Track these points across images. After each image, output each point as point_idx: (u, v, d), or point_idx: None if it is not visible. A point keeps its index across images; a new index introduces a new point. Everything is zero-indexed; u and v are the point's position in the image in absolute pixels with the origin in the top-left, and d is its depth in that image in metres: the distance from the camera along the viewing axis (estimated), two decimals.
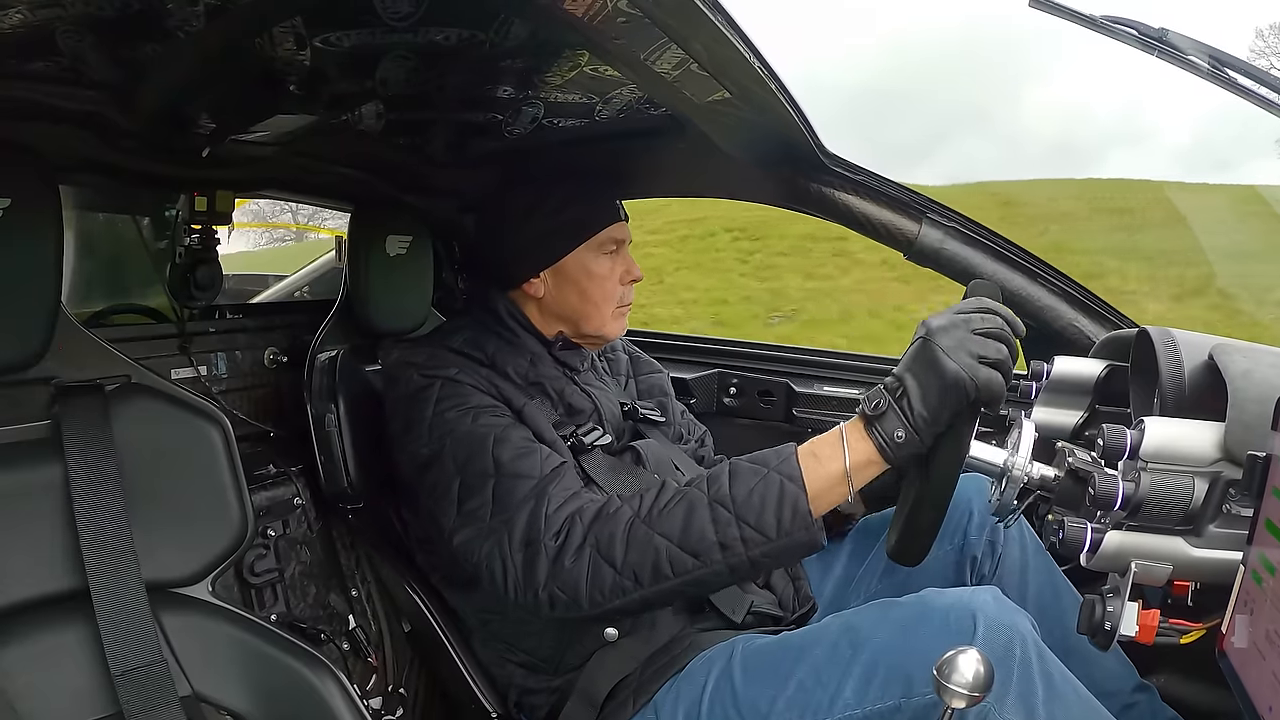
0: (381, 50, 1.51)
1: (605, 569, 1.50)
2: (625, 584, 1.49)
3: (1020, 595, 1.79)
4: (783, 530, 1.43)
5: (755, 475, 1.47)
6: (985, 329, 1.37)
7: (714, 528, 1.45)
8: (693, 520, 1.47)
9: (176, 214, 2.07)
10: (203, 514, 1.47)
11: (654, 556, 1.47)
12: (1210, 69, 1.63)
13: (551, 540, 1.54)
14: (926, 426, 1.37)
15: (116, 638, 1.29)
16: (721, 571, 1.47)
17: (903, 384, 1.39)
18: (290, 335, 2.30)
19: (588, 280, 1.89)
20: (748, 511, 1.44)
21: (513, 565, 1.56)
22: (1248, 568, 1.06)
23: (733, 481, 1.48)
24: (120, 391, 1.44)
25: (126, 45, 1.38)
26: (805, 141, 2.00)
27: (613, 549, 1.50)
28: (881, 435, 1.40)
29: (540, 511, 1.57)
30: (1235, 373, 1.23)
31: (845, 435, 1.45)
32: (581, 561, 1.51)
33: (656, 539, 1.48)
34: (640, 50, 1.35)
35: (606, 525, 1.53)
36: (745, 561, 1.45)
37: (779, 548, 1.44)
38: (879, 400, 1.41)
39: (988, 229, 2.17)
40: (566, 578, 1.52)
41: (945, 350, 1.35)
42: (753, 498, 1.45)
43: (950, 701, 1.14)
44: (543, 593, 1.54)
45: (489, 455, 1.64)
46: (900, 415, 1.38)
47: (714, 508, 1.47)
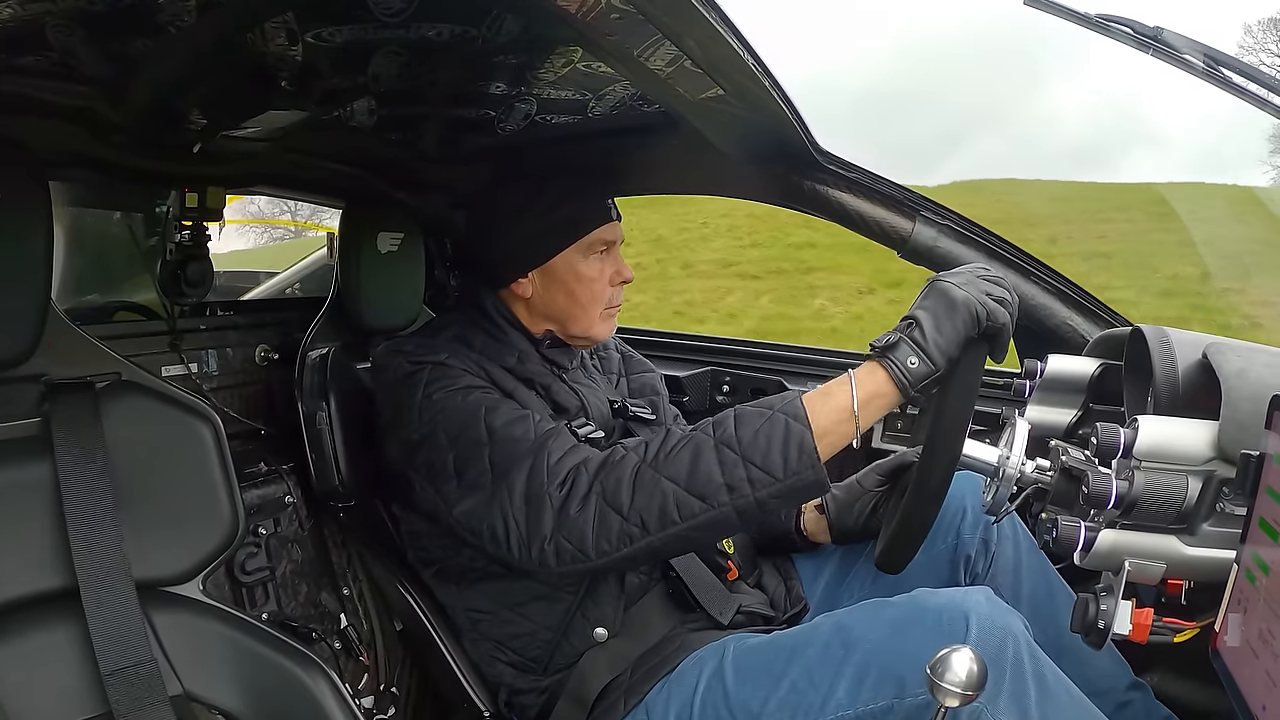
0: (373, 46, 1.51)
1: (612, 516, 1.50)
2: (633, 530, 1.49)
3: (1014, 594, 1.79)
4: (789, 470, 1.43)
5: (761, 417, 1.48)
6: (990, 275, 1.46)
7: (720, 469, 1.46)
8: (699, 463, 1.47)
9: (167, 210, 2.06)
10: (193, 512, 1.46)
11: (661, 500, 1.47)
12: (1205, 68, 1.63)
13: (556, 490, 1.54)
14: (939, 352, 1.40)
15: (106, 637, 1.29)
16: (729, 514, 1.46)
17: (914, 319, 1.43)
18: (281, 332, 2.30)
19: (576, 282, 1.88)
20: (754, 452, 1.45)
21: (515, 522, 1.56)
22: (1241, 566, 1.06)
23: (738, 424, 1.48)
24: (111, 389, 1.44)
25: (117, 40, 1.38)
26: (799, 139, 2.00)
27: (619, 495, 1.50)
28: (894, 363, 1.42)
29: (541, 464, 1.57)
30: (1229, 371, 1.23)
31: (853, 374, 1.47)
32: (588, 510, 1.51)
33: (664, 483, 1.48)
34: (634, 46, 1.35)
35: (613, 472, 1.52)
36: (752, 503, 1.45)
37: (786, 488, 1.45)
38: (889, 337, 1.44)
39: (981, 227, 2.17)
40: (573, 527, 1.51)
41: (955, 284, 1.42)
42: (759, 438, 1.45)
43: (944, 700, 1.14)
44: (549, 544, 1.53)
45: (481, 424, 1.64)
46: (912, 344, 1.41)
47: (720, 449, 1.47)
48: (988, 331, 1.41)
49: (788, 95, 1.74)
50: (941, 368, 1.41)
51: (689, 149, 2.12)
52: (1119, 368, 1.69)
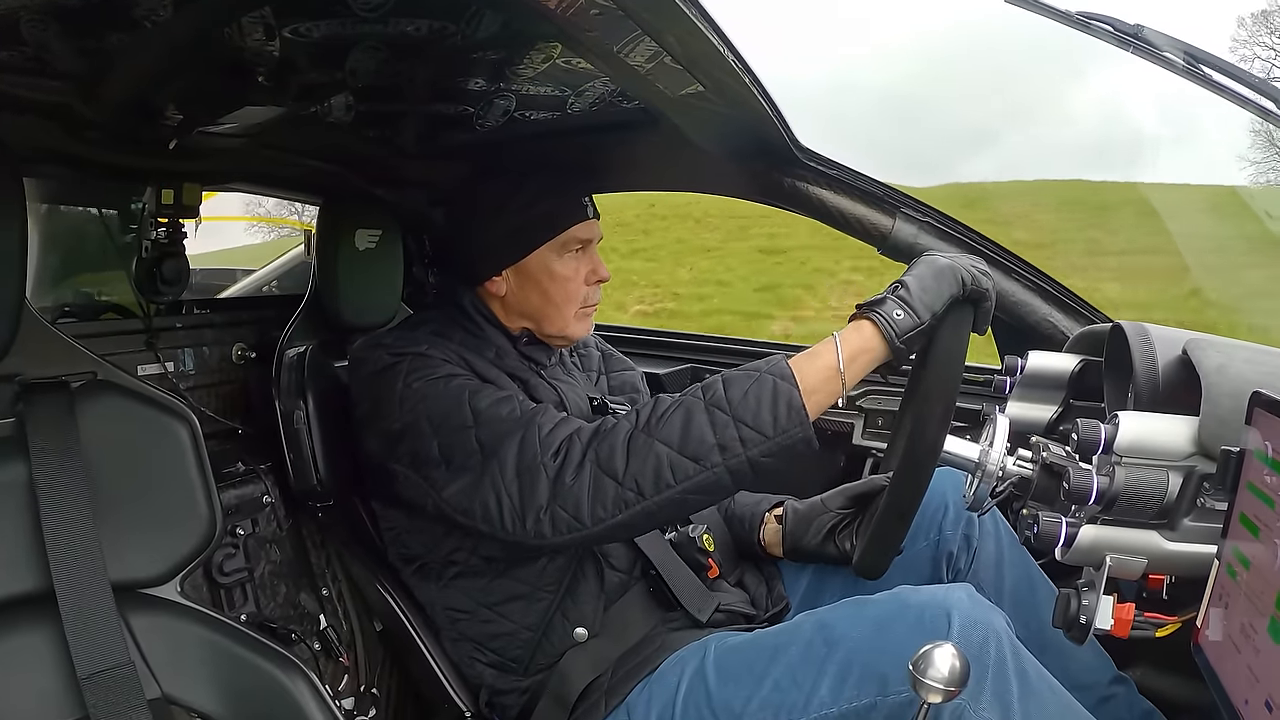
0: (351, 41, 1.50)
1: (607, 482, 1.51)
2: (628, 495, 1.50)
3: (996, 589, 1.80)
4: (779, 428, 1.45)
5: (748, 379, 1.50)
6: (973, 257, 1.53)
7: (712, 430, 1.47)
8: (691, 425, 1.48)
9: (143, 207, 2.05)
10: (170, 513, 1.45)
11: (655, 464, 1.48)
12: (1186, 65, 1.64)
13: (551, 460, 1.55)
14: (924, 306, 1.45)
15: (83, 639, 1.28)
16: (722, 475, 1.47)
17: (899, 281, 1.49)
18: (258, 331, 2.28)
19: (550, 281, 1.87)
20: (744, 411, 1.47)
21: (508, 495, 1.56)
22: (1222, 561, 1.07)
23: (728, 386, 1.50)
24: (86, 389, 1.43)
25: (92, 35, 1.37)
26: (779, 135, 2.00)
27: (614, 461, 1.51)
28: (880, 316, 1.46)
29: (533, 437, 1.58)
30: (1209, 368, 1.24)
31: (838, 334, 1.50)
32: (583, 478, 1.52)
33: (657, 445, 1.49)
34: (613, 43, 1.35)
35: (606, 439, 1.53)
36: (745, 463, 1.47)
37: (777, 445, 1.46)
38: (874, 298, 1.49)
39: (962, 224, 2.18)
40: (568, 495, 1.52)
41: (939, 254, 1.50)
42: (748, 398, 1.47)
43: (926, 696, 1.15)
44: (544, 514, 1.54)
45: (466, 407, 1.64)
46: (898, 300, 1.46)
47: (711, 411, 1.49)
48: (971, 295, 1.46)
49: (768, 91, 1.74)
50: (926, 320, 1.45)
51: (669, 146, 2.12)
52: (1099, 364, 1.70)
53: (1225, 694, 0.99)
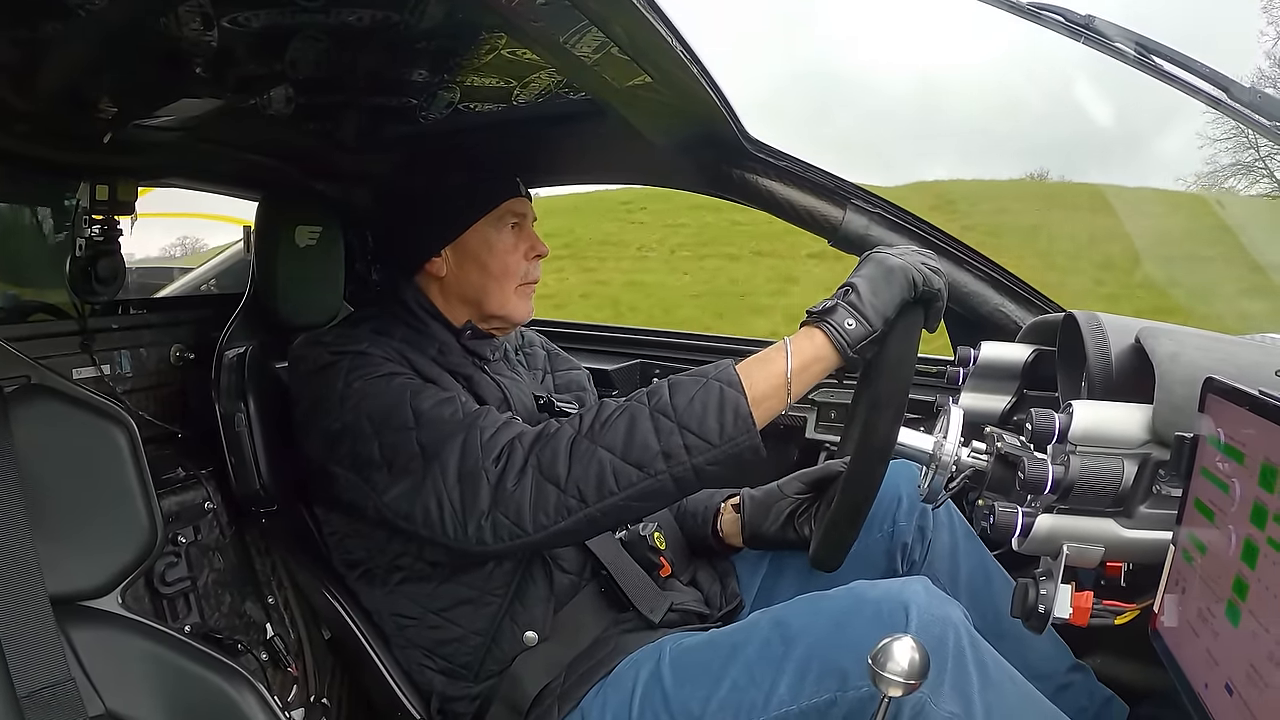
0: (291, 31, 1.49)
1: (549, 488, 1.50)
2: (570, 502, 1.49)
3: (951, 580, 1.82)
4: (725, 435, 1.45)
5: (695, 384, 1.50)
6: (924, 252, 1.53)
7: (657, 437, 1.47)
8: (635, 431, 1.48)
9: (76, 203, 2.01)
10: (109, 521, 1.44)
11: (598, 470, 1.48)
12: (1137, 56, 1.67)
13: (492, 465, 1.54)
14: (876, 313, 1.44)
15: (21, 656, 1.26)
16: (666, 482, 1.47)
17: (850, 284, 1.48)
18: (197, 331, 2.25)
19: (489, 255, 1.88)
20: (689, 418, 1.46)
21: (449, 500, 1.55)
22: (1178, 547, 1.09)
23: (673, 391, 1.50)
24: (19, 394, 1.41)
25: (23, 23, 1.34)
26: (728, 126, 2.01)
27: (556, 467, 1.50)
28: (831, 326, 1.45)
29: (475, 440, 1.57)
30: (1162, 355, 1.26)
31: (789, 341, 1.49)
32: (524, 483, 1.51)
33: (600, 452, 1.48)
34: (560, 33, 1.35)
35: (548, 444, 1.53)
36: (690, 470, 1.46)
37: (723, 454, 1.46)
38: (826, 302, 1.48)
39: (913, 215, 2.20)
40: (510, 502, 1.51)
41: (890, 254, 1.48)
42: (694, 404, 1.47)
43: (886, 690, 1.15)
44: (485, 520, 1.53)
45: (407, 408, 1.64)
46: (849, 307, 1.45)
47: (656, 417, 1.48)
48: (923, 296, 1.46)
49: (716, 82, 1.75)
50: (878, 329, 1.45)
51: (616, 138, 2.13)
52: (1052, 353, 1.73)
53: (1185, 678, 1.00)
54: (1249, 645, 0.87)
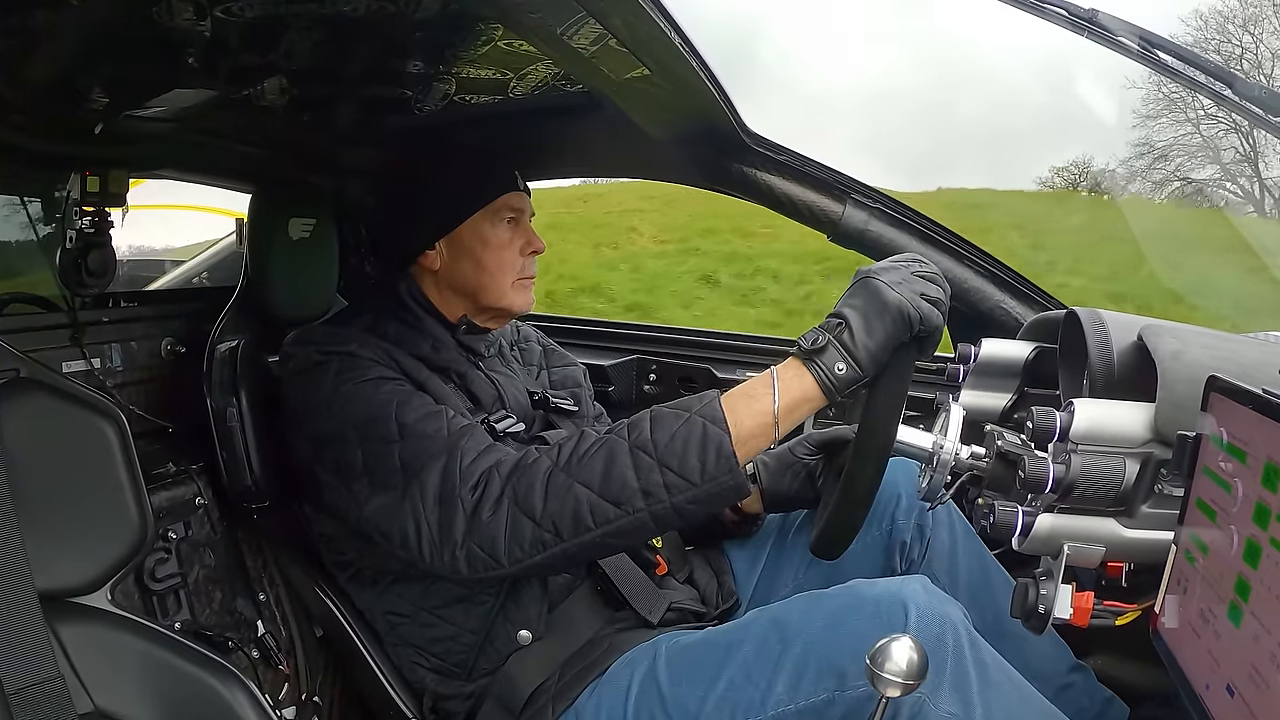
0: (286, 21, 1.49)
1: (524, 521, 1.50)
2: (545, 536, 1.49)
3: (950, 580, 1.82)
4: (706, 475, 1.44)
5: (677, 419, 1.48)
6: (924, 272, 1.46)
7: (635, 474, 1.46)
8: (613, 467, 1.47)
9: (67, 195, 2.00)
10: (99, 517, 1.43)
11: (574, 506, 1.47)
12: (1140, 50, 1.67)
13: (468, 494, 1.54)
14: (869, 358, 1.41)
15: (9, 653, 1.25)
16: (645, 520, 1.47)
17: (843, 318, 1.43)
18: (189, 324, 2.23)
19: (483, 249, 1.88)
20: (670, 456, 1.45)
21: (427, 525, 1.55)
22: (1180, 547, 1.09)
23: (654, 426, 1.49)
24: (8, 387, 1.40)
25: (14, 12, 1.34)
26: (727, 120, 2.01)
27: (531, 500, 1.50)
28: (822, 369, 1.43)
29: (454, 465, 1.56)
30: (1165, 354, 1.26)
31: (777, 375, 1.47)
32: (500, 515, 1.51)
33: (577, 488, 1.48)
34: (557, 25, 1.34)
35: (525, 476, 1.52)
36: (669, 509, 1.46)
37: (704, 494, 1.45)
38: (818, 337, 1.44)
39: (913, 210, 2.21)
40: (484, 532, 1.51)
41: (888, 284, 1.42)
42: (675, 442, 1.46)
43: (885, 691, 1.15)
44: (460, 550, 1.53)
45: (392, 420, 1.63)
46: (840, 349, 1.42)
47: (635, 453, 1.47)
48: (919, 335, 1.43)
49: (715, 75, 1.75)
50: (870, 374, 1.43)
51: (613, 131, 2.13)
52: (1054, 351, 1.73)
53: (1186, 679, 1.01)
54: (1250, 646, 0.88)
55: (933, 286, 1.45)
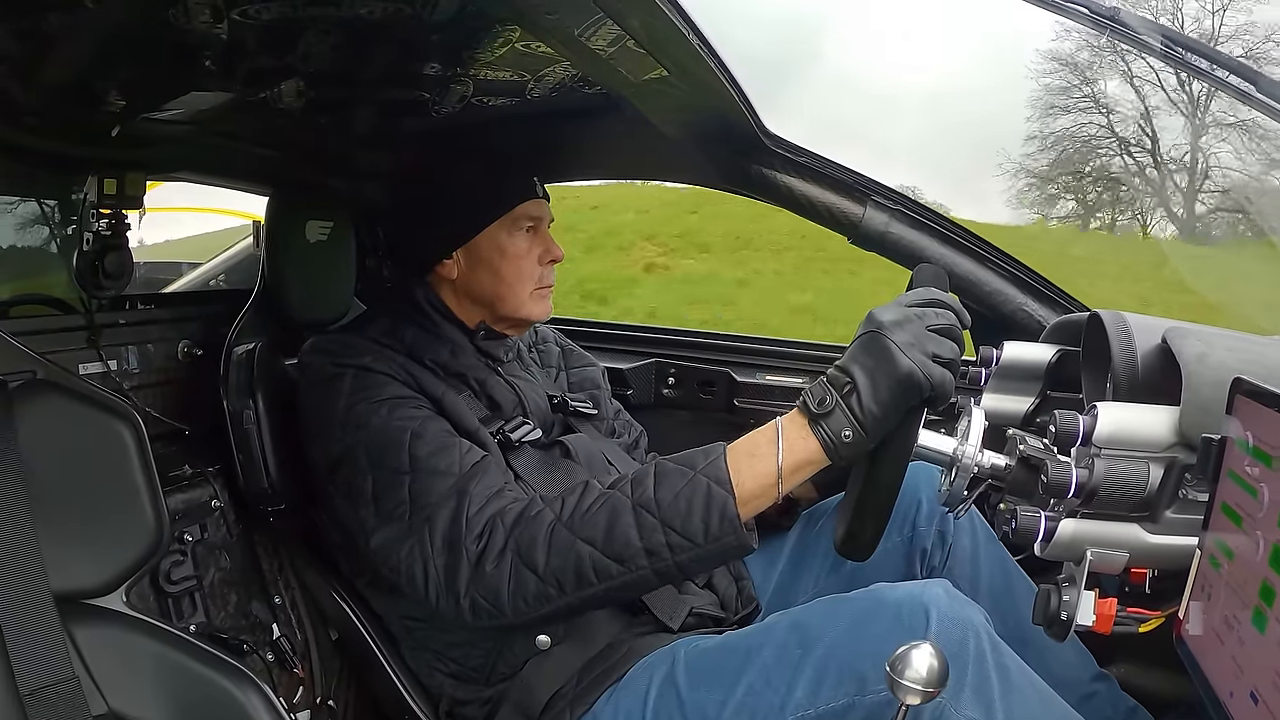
0: (303, 24, 1.49)
1: (527, 575, 1.51)
2: (549, 591, 1.50)
3: (972, 586, 1.81)
4: (710, 536, 1.44)
5: (681, 478, 1.48)
6: (938, 326, 1.40)
7: (639, 533, 1.46)
8: (616, 526, 1.47)
9: (84, 197, 2.02)
10: (115, 519, 1.44)
11: (577, 563, 1.48)
12: (1163, 48, 1.66)
13: (473, 545, 1.55)
14: (876, 425, 1.38)
15: (24, 654, 1.26)
16: (648, 577, 1.48)
17: (851, 379, 1.39)
18: (205, 327, 2.24)
19: (501, 259, 1.88)
20: (673, 516, 1.45)
21: (435, 569, 1.57)
22: (1204, 553, 1.08)
23: (658, 484, 1.49)
24: (25, 389, 1.41)
25: (30, 15, 1.35)
26: (746, 121, 2.01)
27: (534, 554, 1.51)
28: (827, 434, 1.41)
29: (462, 513, 1.57)
30: (1189, 356, 1.25)
31: (782, 432, 1.46)
32: (503, 567, 1.52)
33: (579, 545, 1.49)
34: (574, 25, 1.34)
35: (528, 529, 1.53)
36: (672, 567, 1.47)
37: (707, 553, 1.46)
38: (825, 397, 1.41)
39: (934, 212, 2.20)
40: (488, 584, 1.52)
41: (899, 346, 1.37)
42: (679, 502, 1.45)
43: (904, 698, 1.15)
44: (464, 600, 1.54)
45: (404, 452, 1.64)
46: (848, 414, 1.39)
47: (638, 512, 1.47)
48: (932, 399, 1.39)
49: (733, 76, 1.75)
50: (876, 441, 1.41)
51: (632, 133, 2.13)
52: (1077, 354, 1.71)
53: (1209, 687, 1.00)
54: (1275, 653, 0.87)
55: (946, 344, 1.40)
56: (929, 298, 1.45)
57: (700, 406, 2.81)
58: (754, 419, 2.56)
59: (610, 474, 1.84)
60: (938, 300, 1.44)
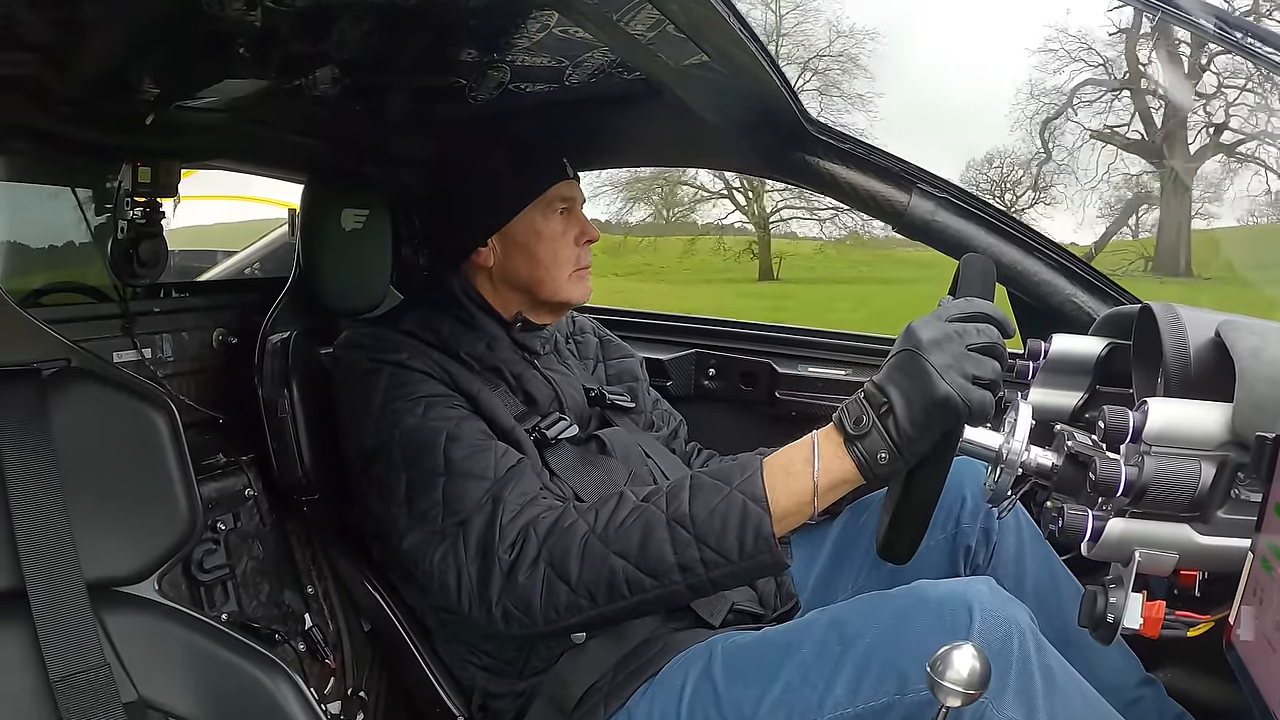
0: (337, 10, 1.50)
1: (560, 586, 1.52)
2: (580, 602, 1.51)
3: (1017, 586, 1.79)
4: (745, 553, 1.44)
5: (717, 493, 1.47)
6: (979, 344, 1.36)
7: (672, 548, 1.46)
8: (650, 540, 1.48)
9: (119, 186, 2.04)
10: (148, 507, 1.45)
11: (609, 576, 1.49)
12: (1217, 31, 1.64)
13: (506, 554, 1.55)
14: (911, 447, 1.36)
15: (56, 641, 1.27)
16: (681, 591, 1.49)
17: (888, 400, 1.36)
18: (240, 315, 2.27)
19: (538, 243, 1.89)
20: (708, 533, 1.45)
21: (468, 576, 1.58)
22: (1257, 555, 1.06)
23: (693, 499, 1.48)
24: (59, 377, 1.42)
25: (65, 4, 1.36)
26: (788, 107, 2.00)
27: (567, 565, 1.51)
28: (863, 454, 1.39)
29: (496, 520, 1.58)
30: (1244, 351, 1.23)
31: (818, 450, 1.44)
32: (535, 577, 1.53)
33: (612, 558, 1.49)
34: (613, 10, 1.34)
35: (561, 540, 1.53)
36: (705, 581, 1.47)
37: (741, 570, 1.46)
38: (861, 417, 1.39)
39: (981, 200, 2.18)
40: (520, 593, 1.53)
41: (938, 369, 1.33)
42: (714, 518, 1.45)
43: (945, 700, 1.14)
44: (496, 608, 1.55)
45: (440, 453, 1.65)
46: (884, 436, 1.36)
47: (672, 527, 1.47)
48: (971, 421, 1.36)
49: (775, 61, 1.73)
50: (912, 463, 1.38)
51: (671, 119, 2.13)
52: (1127, 348, 1.69)
53: (1260, 696, 0.98)
54: None
55: (986, 364, 1.36)
56: (972, 310, 1.41)
57: (741, 398, 2.81)
58: (795, 411, 2.56)
59: (647, 467, 1.84)
60: (981, 313, 1.40)
